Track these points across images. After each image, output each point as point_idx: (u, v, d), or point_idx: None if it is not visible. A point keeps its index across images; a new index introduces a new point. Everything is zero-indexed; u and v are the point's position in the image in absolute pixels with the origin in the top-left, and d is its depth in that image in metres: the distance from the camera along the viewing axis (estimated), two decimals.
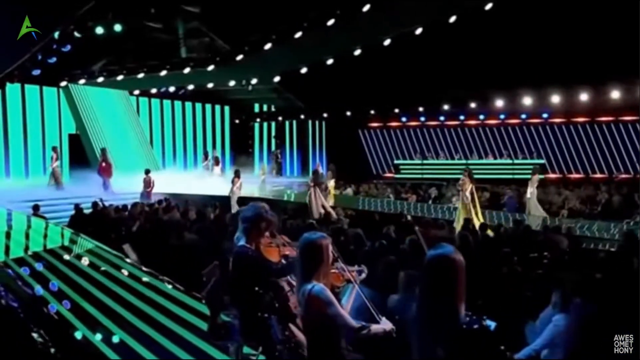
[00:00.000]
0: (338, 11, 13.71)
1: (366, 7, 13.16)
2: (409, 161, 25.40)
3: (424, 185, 20.10)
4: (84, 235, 8.92)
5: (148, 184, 16.78)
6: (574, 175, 23.22)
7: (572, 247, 8.35)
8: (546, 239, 8.62)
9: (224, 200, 14.75)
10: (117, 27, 16.02)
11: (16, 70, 12.82)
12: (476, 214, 11.92)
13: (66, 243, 8.28)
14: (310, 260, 3.16)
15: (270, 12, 15.47)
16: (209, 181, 18.85)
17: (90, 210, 12.53)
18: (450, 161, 24.54)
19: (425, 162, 24.57)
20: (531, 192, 14.60)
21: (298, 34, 14.59)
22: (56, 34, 12.04)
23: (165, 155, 22.94)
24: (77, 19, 11.72)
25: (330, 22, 13.92)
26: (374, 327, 3.15)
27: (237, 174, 16.07)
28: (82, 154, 19.03)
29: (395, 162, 25.74)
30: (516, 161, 23.47)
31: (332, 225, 9.53)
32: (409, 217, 11.20)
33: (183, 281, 6.64)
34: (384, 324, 3.20)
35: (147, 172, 17.03)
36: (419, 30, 15.57)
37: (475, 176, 20.98)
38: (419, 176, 23.57)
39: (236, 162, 22.97)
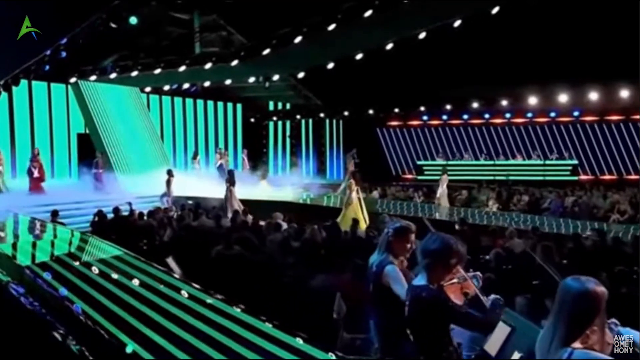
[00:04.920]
0: (376, 1, 12.74)
1: None
2: (432, 162, 24.32)
3: (453, 187, 19.10)
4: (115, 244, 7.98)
5: (97, 165, 16.98)
6: (607, 177, 22.32)
7: None
8: (637, 252, 7.71)
9: (250, 205, 13.75)
10: (133, 20, 15.16)
11: (33, 65, 11.86)
12: (362, 213, 12.50)
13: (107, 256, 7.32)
14: (579, 318, 2.29)
15: (298, 4, 14.54)
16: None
17: (112, 216, 11.55)
18: (476, 162, 23.53)
19: (449, 163, 23.53)
20: (440, 192, 16.24)
21: (331, 27, 13.61)
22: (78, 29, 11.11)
23: (176, 154, 22.08)
24: (112, 9, 10.79)
25: (368, 13, 12.96)
26: None
27: (169, 173, 15.19)
28: (92, 155, 18.02)
29: (418, 162, 24.76)
30: (547, 162, 22.48)
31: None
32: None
33: (236, 298, 5.72)
34: None
35: (101, 153, 17.30)
36: (457, 23, 14.55)
37: (504, 178, 20.37)
38: None
39: (252, 161, 22.12)
